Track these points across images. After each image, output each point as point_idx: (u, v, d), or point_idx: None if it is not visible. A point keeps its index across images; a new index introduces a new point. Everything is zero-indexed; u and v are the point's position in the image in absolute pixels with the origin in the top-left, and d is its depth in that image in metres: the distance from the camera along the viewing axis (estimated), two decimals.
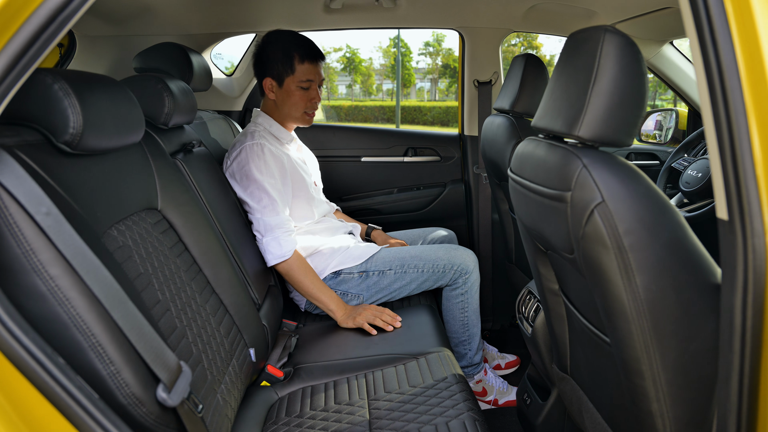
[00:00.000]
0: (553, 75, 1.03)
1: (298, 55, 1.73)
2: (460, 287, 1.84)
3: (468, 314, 1.86)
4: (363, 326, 1.63)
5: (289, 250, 1.67)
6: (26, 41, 0.66)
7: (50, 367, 0.67)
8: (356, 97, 29.65)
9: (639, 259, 0.82)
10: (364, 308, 1.68)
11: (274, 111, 1.82)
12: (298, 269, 1.68)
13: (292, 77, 1.74)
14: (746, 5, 0.64)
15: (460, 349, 1.91)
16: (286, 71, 1.74)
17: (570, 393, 1.27)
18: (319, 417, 1.26)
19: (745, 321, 0.66)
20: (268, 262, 1.69)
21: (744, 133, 0.64)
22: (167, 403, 0.79)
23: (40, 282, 0.71)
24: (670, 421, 0.88)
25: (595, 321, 1.03)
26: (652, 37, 2.16)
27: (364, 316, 1.65)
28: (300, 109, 1.78)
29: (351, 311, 1.68)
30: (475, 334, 1.89)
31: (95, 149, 0.93)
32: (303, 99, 1.77)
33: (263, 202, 1.68)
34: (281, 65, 1.73)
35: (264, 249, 1.69)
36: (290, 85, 1.75)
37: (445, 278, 1.83)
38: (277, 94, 1.78)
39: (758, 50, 0.64)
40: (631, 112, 0.89)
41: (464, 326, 1.87)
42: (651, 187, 0.85)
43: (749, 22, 0.64)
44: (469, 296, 1.85)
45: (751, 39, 0.64)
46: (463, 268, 1.82)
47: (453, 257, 1.82)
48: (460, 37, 2.43)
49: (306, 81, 1.75)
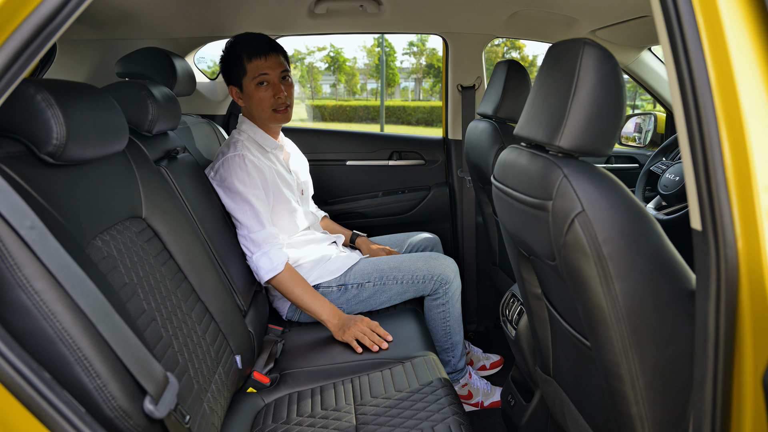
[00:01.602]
0: (535, 85, 1.06)
1: (245, 54, 1.69)
2: (441, 297, 1.83)
3: (450, 323, 1.86)
4: (351, 343, 1.59)
5: (280, 263, 1.65)
6: (14, 52, 0.66)
7: (36, 382, 0.67)
8: (341, 97, 29.58)
9: (618, 267, 0.84)
10: (356, 322, 1.63)
11: (252, 117, 1.81)
12: (288, 280, 1.66)
13: (246, 78, 1.70)
14: (717, 21, 0.67)
15: (444, 357, 1.92)
16: (240, 74, 1.71)
17: (553, 395, 1.30)
18: (306, 423, 1.27)
19: (719, 327, 0.69)
20: (261, 278, 1.66)
21: (716, 146, 0.66)
22: (154, 415, 0.79)
23: (25, 296, 0.70)
24: (649, 423, 0.90)
25: (576, 325, 1.05)
26: (631, 43, 2.20)
27: (353, 331, 1.60)
28: (267, 108, 1.73)
29: (344, 322, 1.64)
30: (458, 342, 1.90)
31: (79, 159, 0.93)
32: (266, 97, 1.72)
33: (248, 214, 1.67)
34: (235, 70, 1.72)
35: (256, 266, 1.66)
36: (248, 86, 1.71)
37: (425, 289, 1.82)
38: (244, 99, 1.76)
39: (729, 66, 0.66)
40: (609, 123, 0.92)
41: (447, 335, 1.88)
42: (629, 196, 0.87)
43: (720, 38, 0.67)
44: (450, 305, 1.85)
45: (722, 55, 0.66)
46: (443, 278, 1.81)
47: (433, 267, 1.81)
48: (444, 42, 2.45)
49: (259, 76, 1.69)
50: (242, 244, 1.69)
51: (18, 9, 0.65)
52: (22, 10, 0.65)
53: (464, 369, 1.97)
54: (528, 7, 2.04)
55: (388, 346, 1.59)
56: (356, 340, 1.59)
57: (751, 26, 0.67)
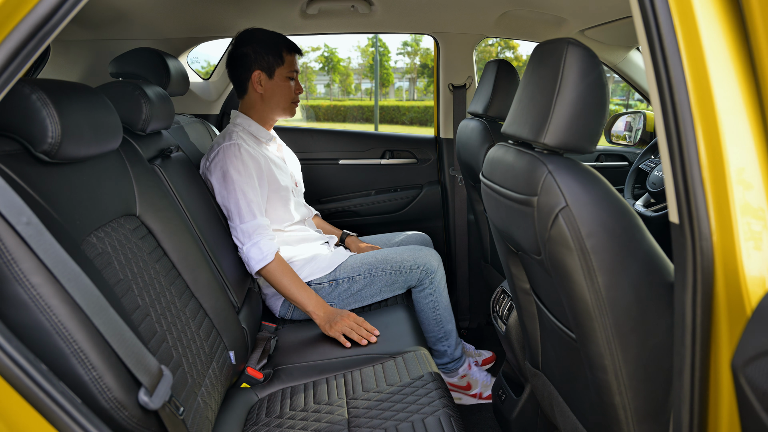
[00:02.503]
0: (521, 84, 1.08)
1: (285, 47, 1.82)
2: (428, 287, 1.88)
3: (440, 311, 1.91)
4: (338, 338, 1.61)
5: (270, 252, 1.68)
6: (11, 53, 0.67)
7: (33, 374, 0.69)
8: (335, 97, 29.58)
9: (600, 261, 0.87)
10: (342, 317, 1.65)
11: (256, 108, 1.85)
12: (276, 270, 1.69)
13: (282, 68, 1.82)
14: (693, 24, 0.69)
15: (439, 347, 1.95)
16: (277, 62, 1.81)
17: (542, 388, 1.32)
18: (299, 417, 1.29)
19: (695, 318, 0.71)
20: (252, 269, 1.68)
21: (692, 143, 0.69)
22: (149, 406, 0.81)
23: (22, 291, 0.72)
24: (632, 412, 0.93)
25: (562, 319, 1.08)
26: (620, 43, 2.23)
27: (340, 326, 1.62)
28: (288, 99, 1.86)
29: (331, 316, 1.66)
30: (451, 330, 1.94)
31: (73, 158, 0.95)
32: (290, 89, 1.86)
33: (240, 203, 1.69)
34: (272, 57, 1.80)
35: (246, 257, 1.68)
36: (280, 76, 1.82)
37: (412, 279, 1.87)
38: (266, 86, 1.82)
39: (704, 67, 0.69)
40: (592, 121, 0.94)
41: (438, 324, 1.91)
42: (612, 192, 0.90)
43: (696, 40, 0.69)
44: (438, 294, 1.89)
45: (698, 56, 0.69)
46: (428, 268, 1.87)
47: (417, 258, 1.87)
48: (435, 42, 2.47)
49: (293, 71, 1.84)
50: (234, 236, 1.72)
51: (15, 10, 0.67)
52: (19, 11, 0.67)
53: (462, 358, 2.00)
54: (517, 8, 2.07)
55: (376, 339, 1.61)
56: (344, 335, 1.61)
57: (726, 28, 0.70)
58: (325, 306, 1.69)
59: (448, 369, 1.99)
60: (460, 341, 2.03)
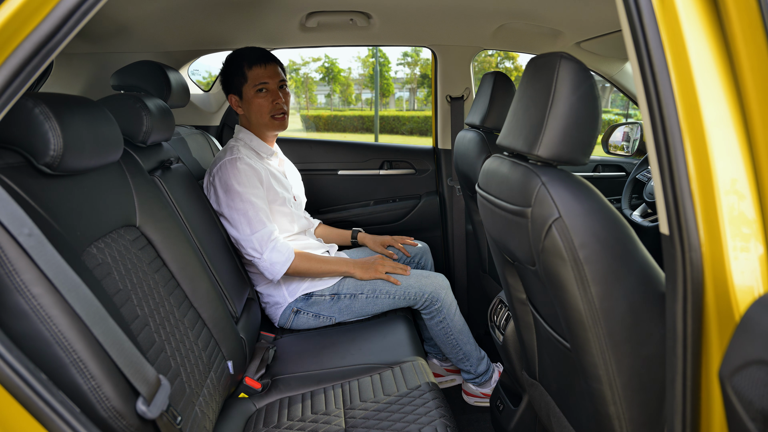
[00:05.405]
0: (516, 96, 1.10)
1: (246, 63, 1.79)
2: (436, 315, 1.86)
3: (454, 336, 1.89)
4: (387, 278, 1.81)
5: (289, 251, 1.72)
6: (15, 69, 0.69)
7: (33, 383, 0.70)
8: (335, 107, 29.69)
9: (593, 271, 0.88)
10: (377, 264, 1.83)
11: (249, 127, 1.87)
12: (300, 264, 1.74)
13: (246, 85, 1.79)
14: (681, 42, 0.71)
15: (463, 366, 1.97)
16: (241, 81, 1.80)
17: (539, 398, 1.33)
18: (296, 427, 1.29)
19: (686, 328, 0.72)
20: (278, 273, 1.70)
21: (680, 156, 0.70)
22: (147, 415, 0.82)
23: (23, 301, 0.73)
24: (626, 422, 0.94)
25: (558, 329, 1.09)
26: (615, 54, 2.26)
27: (380, 271, 1.82)
28: (266, 114, 1.81)
29: (366, 266, 1.82)
30: (470, 351, 1.94)
31: (75, 170, 0.96)
32: (265, 103, 1.80)
33: (249, 213, 1.70)
34: (236, 77, 1.80)
35: (269, 263, 1.69)
36: (248, 93, 1.80)
37: (417, 304, 1.86)
38: (243, 107, 1.83)
39: (691, 81, 0.70)
40: (585, 133, 0.96)
41: (455, 347, 1.91)
42: (604, 203, 0.91)
43: (683, 58, 0.71)
44: (449, 320, 1.87)
45: (685, 72, 0.71)
46: (434, 296, 1.83)
47: (424, 285, 1.84)
48: (433, 54, 2.50)
49: (260, 84, 1.78)
50: (248, 249, 1.71)
51: (19, 28, 0.68)
52: (24, 29, 0.69)
53: (488, 371, 2.01)
54: (514, 21, 2.09)
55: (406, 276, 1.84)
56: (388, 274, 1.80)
57: (713, 43, 0.71)
58: (354, 263, 1.83)
59: (478, 382, 2.02)
60: (483, 354, 2.02)
